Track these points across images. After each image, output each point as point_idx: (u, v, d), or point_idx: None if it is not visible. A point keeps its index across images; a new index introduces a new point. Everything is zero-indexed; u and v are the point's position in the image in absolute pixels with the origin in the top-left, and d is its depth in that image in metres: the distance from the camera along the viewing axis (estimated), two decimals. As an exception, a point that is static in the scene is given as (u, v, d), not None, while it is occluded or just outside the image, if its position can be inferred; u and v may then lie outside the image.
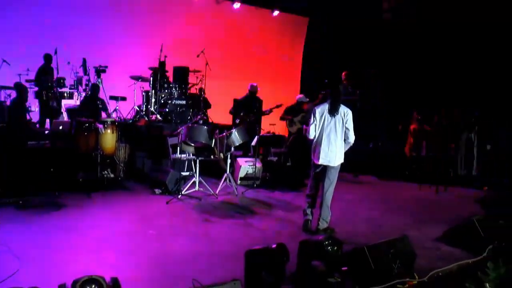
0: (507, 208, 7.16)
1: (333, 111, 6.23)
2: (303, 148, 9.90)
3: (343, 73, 12.91)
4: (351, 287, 4.37)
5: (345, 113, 6.25)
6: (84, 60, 10.76)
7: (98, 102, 9.73)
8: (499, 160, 10.94)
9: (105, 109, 9.96)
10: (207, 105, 11.92)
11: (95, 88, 9.75)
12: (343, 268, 4.56)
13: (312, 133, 6.34)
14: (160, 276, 4.55)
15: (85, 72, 10.83)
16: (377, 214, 7.53)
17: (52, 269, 4.58)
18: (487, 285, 5.04)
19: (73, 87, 10.70)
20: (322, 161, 6.25)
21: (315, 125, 6.31)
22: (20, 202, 6.92)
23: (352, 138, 6.29)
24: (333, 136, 6.21)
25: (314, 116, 6.32)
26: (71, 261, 4.80)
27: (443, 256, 5.71)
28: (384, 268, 4.64)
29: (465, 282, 5.12)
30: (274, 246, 4.16)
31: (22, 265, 4.55)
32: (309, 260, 4.30)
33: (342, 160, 6.33)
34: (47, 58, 10.25)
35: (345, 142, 6.31)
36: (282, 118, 10.77)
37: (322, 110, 6.30)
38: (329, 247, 4.35)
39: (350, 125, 6.25)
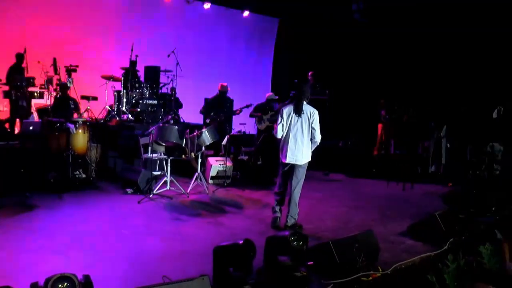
0: (466, 203, 7.44)
1: (298, 111, 6.37)
2: (273, 147, 10.09)
3: (310, 73, 13.16)
4: (316, 281, 4.55)
5: (311, 113, 6.37)
6: (55, 60, 10.74)
7: (70, 102, 9.71)
8: (464, 158, 11.30)
9: (77, 109, 9.94)
10: (179, 104, 11.98)
11: (63, 88, 9.69)
12: (308, 263, 4.74)
13: (280, 133, 6.49)
14: (132, 274, 4.63)
15: (56, 71, 10.79)
16: (344, 210, 7.73)
17: (23, 270, 4.58)
18: (446, 276, 5.30)
19: (43, 87, 10.64)
20: (289, 159, 6.40)
21: (282, 125, 6.46)
22: (-10, 203, 6.92)
23: (318, 137, 6.41)
24: (300, 136, 6.36)
25: (282, 116, 6.47)
26: (42, 262, 4.82)
27: (406, 249, 5.92)
28: (349, 262, 4.82)
29: (427, 274, 5.37)
30: (241, 242, 4.29)
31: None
32: (275, 255, 4.45)
33: (309, 159, 6.47)
34: (19, 57, 10.18)
35: (311, 142, 6.44)
36: (251, 115, 10.92)
37: (289, 110, 6.44)
38: (295, 242, 4.50)
39: (316, 125, 6.36)
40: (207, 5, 13.43)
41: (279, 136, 6.52)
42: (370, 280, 4.83)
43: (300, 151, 6.36)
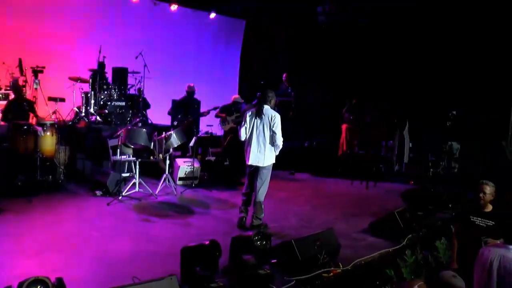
0: (425, 200, 7.79)
1: (259, 114, 6.56)
2: (239, 147, 10.32)
3: (284, 74, 13.44)
4: (279, 278, 4.79)
5: (272, 116, 6.52)
6: (20, 60, 10.66)
7: (25, 103, 9.49)
8: (425, 156, 11.74)
9: (32, 110, 9.72)
10: (146, 105, 12.06)
11: (16, 89, 9.45)
12: (272, 261, 4.99)
13: (243, 135, 6.71)
14: (102, 275, 4.76)
15: (21, 72, 10.71)
16: (308, 209, 8.01)
17: None
18: (403, 270, 5.62)
19: (8, 89, 10.56)
20: (252, 161, 6.60)
21: (246, 127, 6.67)
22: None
23: (279, 141, 6.53)
24: (262, 139, 6.54)
25: (245, 119, 6.69)
26: (12, 266, 4.91)
27: (367, 246, 6.23)
28: (311, 259, 5.09)
29: (386, 268, 5.68)
30: (207, 242, 4.50)
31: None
32: (240, 254, 4.68)
33: (272, 161, 6.66)
34: None
35: (274, 145, 6.60)
36: (216, 116, 11.12)
37: (252, 113, 6.65)
38: (258, 242, 4.73)
39: (277, 128, 6.50)
40: (174, 7, 13.51)
41: (242, 138, 6.74)
42: (331, 276, 5.10)
43: (262, 153, 6.54)
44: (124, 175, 8.69)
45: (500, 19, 11.12)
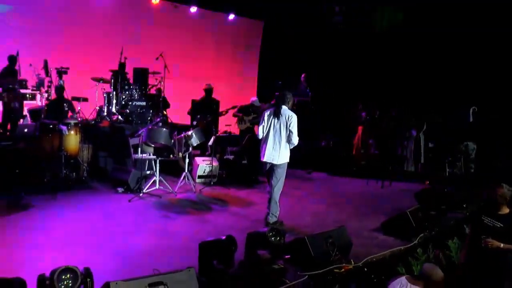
0: (438, 200, 7.88)
1: (277, 114, 6.81)
2: (257, 147, 10.55)
3: (303, 75, 13.62)
4: (292, 273, 5.01)
5: (289, 116, 6.75)
6: (46, 62, 11.03)
7: (65, 104, 9.93)
8: (442, 157, 11.81)
9: (72, 110, 10.15)
10: (166, 104, 12.34)
11: (60, 90, 9.91)
12: (286, 256, 5.21)
13: (260, 134, 6.99)
14: (124, 267, 5.03)
15: (47, 73, 11.08)
16: (323, 208, 8.20)
17: (23, 266, 4.92)
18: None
19: (35, 89, 10.96)
20: (266, 158, 6.85)
21: (263, 126, 6.93)
22: (-14, 203, 7.26)
23: (295, 140, 6.75)
24: (278, 137, 6.77)
25: (263, 118, 6.95)
26: (41, 258, 5.19)
27: (379, 244, 6.39)
28: (323, 255, 5.29)
29: (397, 266, 5.85)
30: (224, 237, 4.74)
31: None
32: (255, 249, 4.91)
33: (286, 160, 6.86)
34: (11, 59, 10.41)
35: (289, 143, 6.82)
36: (234, 115, 11.37)
37: (270, 113, 6.92)
38: (273, 238, 4.94)
39: (293, 128, 6.72)
40: (193, 9, 13.80)
41: (260, 136, 7.01)
42: (342, 272, 5.30)
43: (277, 151, 6.78)
44: (144, 173, 8.96)
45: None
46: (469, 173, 11.36)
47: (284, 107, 6.86)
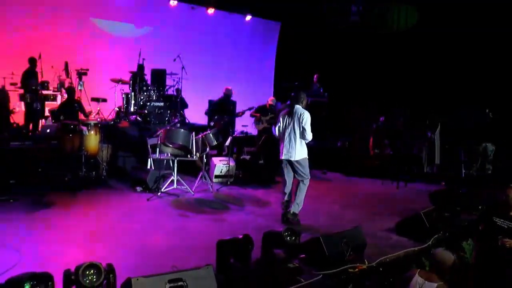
0: (453, 202, 7.92)
1: (290, 113, 7.11)
2: (273, 147, 10.65)
3: (315, 75, 13.72)
4: (307, 272, 5.12)
5: (301, 114, 7.02)
6: (66, 64, 11.30)
7: (75, 104, 10.09)
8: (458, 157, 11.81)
9: (82, 111, 10.37)
10: (184, 105, 12.53)
11: (70, 91, 10.07)
12: (301, 255, 5.32)
13: (276, 133, 7.32)
14: (143, 264, 5.17)
15: (67, 75, 11.36)
16: (337, 208, 8.28)
17: (48, 261, 5.09)
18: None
19: (56, 90, 11.22)
20: (284, 156, 7.13)
21: (279, 126, 7.24)
22: (11, 200, 7.46)
23: (308, 136, 7.02)
24: (293, 135, 7.05)
25: (279, 118, 7.24)
26: (64, 254, 5.38)
27: (392, 244, 6.42)
28: (337, 255, 5.38)
29: (410, 267, 5.91)
30: (241, 236, 4.87)
31: (20, 258, 5.11)
32: (271, 248, 5.03)
33: (304, 155, 7.15)
34: (32, 61, 10.69)
35: (304, 140, 7.10)
36: (251, 115, 11.51)
37: (285, 113, 7.22)
38: (288, 237, 5.05)
39: (306, 124, 6.98)
40: (211, 10, 13.97)
41: (276, 135, 7.33)
42: (356, 272, 5.38)
43: (293, 148, 7.05)
44: (162, 172, 9.14)
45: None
46: (486, 174, 11.34)
47: (297, 106, 7.12)
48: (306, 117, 7.01)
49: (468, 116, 11.65)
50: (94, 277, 3.61)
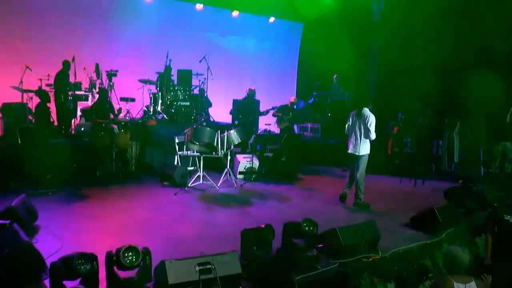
0: (466, 199, 8.19)
1: (358, 114, 8.30)
2: (295, 145, 11.06)
3: (335, 76, 14.05)
4: (325, 260, 5.51)
5: (367, 116, 8.19)
6: (97, 65, 11.83)
7: (107, 105, 10.64)
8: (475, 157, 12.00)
9: (112, 111, 10.90)
10: (208, 103, 12.99)
11: (103, 93, 10.57)
12: (319, 245, 5.71)
13: (346, 130, 8.55)
14: (173, 251, 5.57)
15: (98, 76, 11.89)
16: (355, 203, 8.64)
17: (86, 247, 5.45)
18: (439, 260, 6.19)
19: (87, 90, 11.77)
20: (351, 151, 8.38)
21: (348, 124, 8.48)
22: (49, 193, 8.03)
23: (371, 136, 8.18)
24: (358, 133, 8.26)
25: (349, 117, 8.50)
26: (101, 241, 5.86)
27: (406, 238, 6.72)
28: (352, 246, 5.77)
29: (423, 258, 6.26)
30: (263, 226, 5.29)
31: (62, 244, 5.61)
32: (291, 238, 5.44)
33: (367, 152, 8.32)
34: (65, 64, 11.23)
35: (367, 138, 8.21)
36: (274, 115, 11.89)
37: (354, 113, 8.43)
38: (307, 228, 5.43)
39: (371, 126, 8.14)
40: (235, 13, 14.41)
41: (346, 132, 8.56)
42: (370, 261, 5.77)
43: (358, 144, 8.27)
44: (189, 168, 9.61)
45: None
46: (505, 173, 11.48)
47: (365, 109, 8.27)
48: (372, 119, 8.14)
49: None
50: (134, 258, 4.08)
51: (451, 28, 12.80)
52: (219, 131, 9.20)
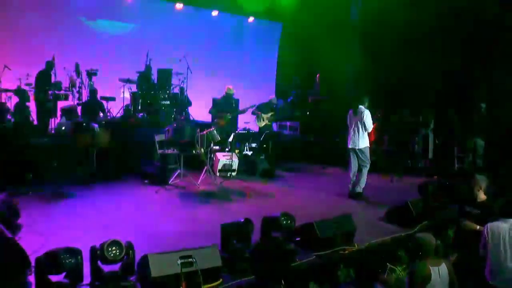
0: (439, 193, 8.44)
1: (355, 111, 8.93)
2: (274, 143, 11.25)
3: (317, 75, 14.25)
4: (302, 253, 5.71)
5: (362, 112, 8.82)
6: (77, 65, 11.85)
7: (96, 105, 10.72)
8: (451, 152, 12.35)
9: (102, 110, 10.97)
10: (188, 102, 13.10)
11: (93, 93, 10.71)
12: (296, 238, 5.91)
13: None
14: (156, 246, 5.73)
15: (78, 75, 11.90)
16: (334, 198, 8.88)
17: (69, 244, 5.51)
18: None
19: (68, 90, 11.76)
20: (350, 145, 8.98)
21: (347, 124, 9.08)
22: (30, 192, 8.05)
23: (368, 127, 8.87)
24: (356, 128, 8.88)
25: (347, 118, 9.14)
26: (83, 238, 5.86)
27: (381, 231, 6.98)
28: (329, 239, 5.98)
29: (397, 250, 6.49)
30: (242, 220, 5.46)
31: (45, 241, 5.66)
32: (269, 231, 5.62)
33: (366, 145, 8.96)
34: (48, 64, 11.22)
35: (365, 131, 8.85)
36: (253, 113, 12.06)
37: (350, 113, 9.04)
38: (285, 221, 5.61)
39: (366, 120, 8.80)
40: (215, 13, 14.54)
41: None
42: (346, 253, 5.98)
43: (357, 138, 8.88)
44: (169, 166, 9.69)
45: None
46: (477, 168, 11.79)
47: (360, 106, 8.88)
48: (366, 114, 8.81)
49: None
50: (117, 252, 4.21)
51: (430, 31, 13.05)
52: (199, 129, 9.33)
